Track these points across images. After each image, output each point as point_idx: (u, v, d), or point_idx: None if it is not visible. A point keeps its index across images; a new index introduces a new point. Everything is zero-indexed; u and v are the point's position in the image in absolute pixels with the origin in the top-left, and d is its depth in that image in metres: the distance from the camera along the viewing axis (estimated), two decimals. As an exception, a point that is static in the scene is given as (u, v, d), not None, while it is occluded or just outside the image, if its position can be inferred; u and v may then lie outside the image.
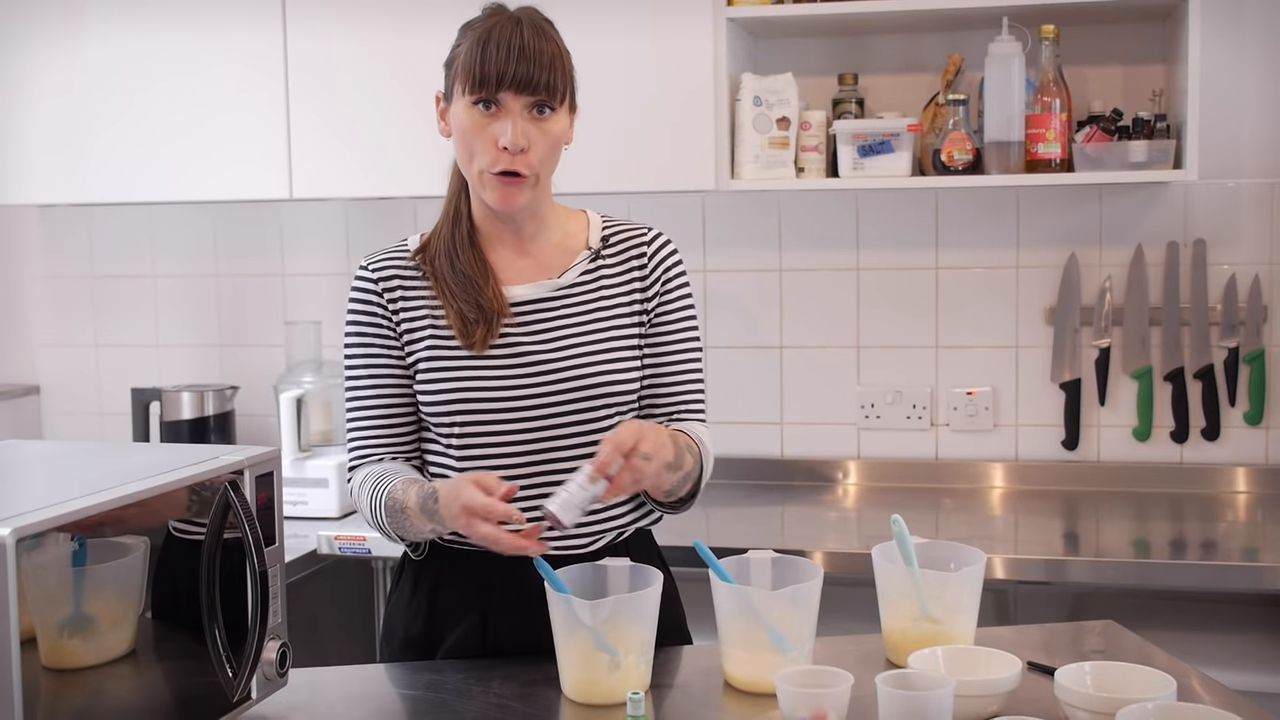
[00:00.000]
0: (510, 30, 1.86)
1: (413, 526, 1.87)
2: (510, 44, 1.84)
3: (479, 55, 1.85)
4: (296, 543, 2.91)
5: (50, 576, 1.42)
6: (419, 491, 1.84)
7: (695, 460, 1.94)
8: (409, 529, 1.88)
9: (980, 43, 2.99)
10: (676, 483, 1.91)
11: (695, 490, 1.98)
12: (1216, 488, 3.14)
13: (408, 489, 1.86)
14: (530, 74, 1.84)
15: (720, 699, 1.79)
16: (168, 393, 3.37)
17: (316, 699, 1.82)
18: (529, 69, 1.84)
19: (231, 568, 1.65)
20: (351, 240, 3.54)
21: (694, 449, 1.94)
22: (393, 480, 1.90)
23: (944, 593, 1.83)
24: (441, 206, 2.02)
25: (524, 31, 1.86)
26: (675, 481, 1.90)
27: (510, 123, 1.85)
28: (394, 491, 1.88)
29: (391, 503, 1.87)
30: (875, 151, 3.01)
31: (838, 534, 2.98)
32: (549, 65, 1.86)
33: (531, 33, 1.86)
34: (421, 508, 1.83)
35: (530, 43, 1.85)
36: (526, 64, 1.84)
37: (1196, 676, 1.82)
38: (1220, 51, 3.07)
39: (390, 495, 1.88)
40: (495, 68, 1.84)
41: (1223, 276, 3.13)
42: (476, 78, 1.85)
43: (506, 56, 1.84)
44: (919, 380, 3.31)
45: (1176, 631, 2.63)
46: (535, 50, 1.85)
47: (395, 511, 1.87)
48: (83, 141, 3.29)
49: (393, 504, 1.87)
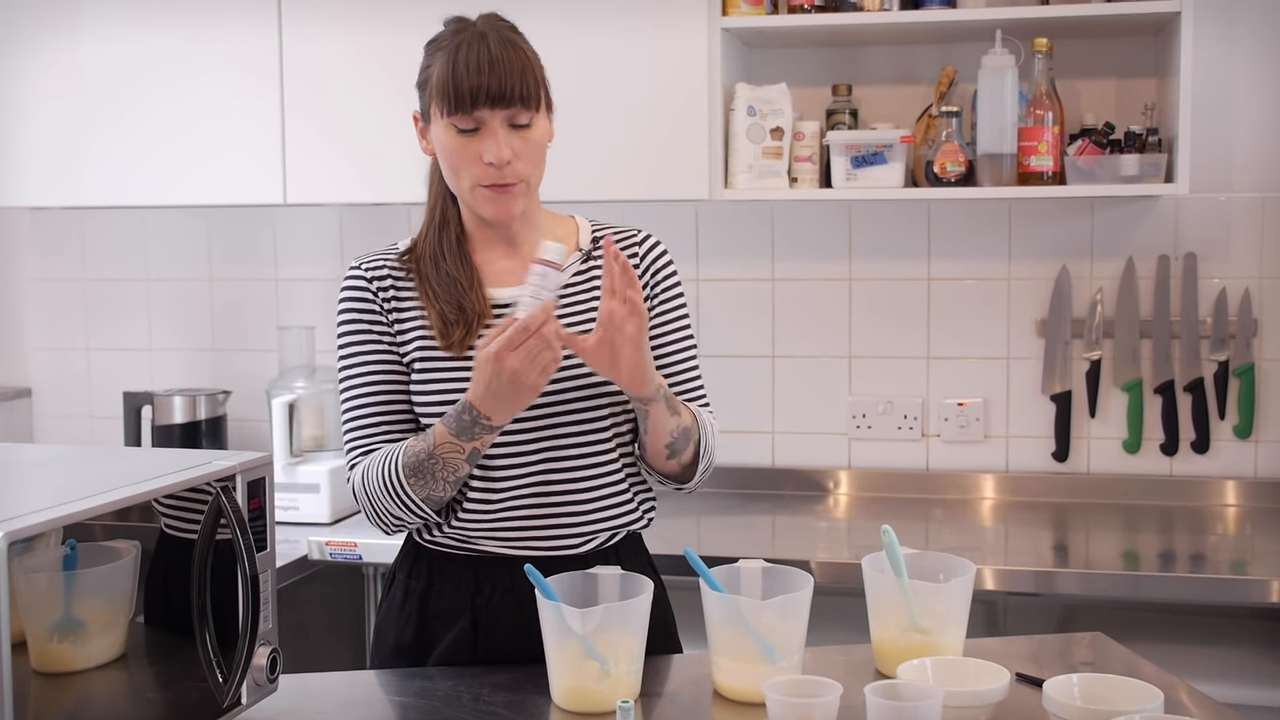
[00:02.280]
0: (478, 47, 1.86)
1: (450, 465, 1.84)
2: (480, 60, 1.85)
3: (450, 75, 1.86)
4: (288, 548, 2.91)
5: (41, 580, 1.42)
6: (442, 423, 1.83)
7: (695, 424, 1.95)
8: (443, 475, 1.85)
9: (974, 55, 3.00)
10: (677, 435, 1.92)
11: (697, 460, 1.97)
12: (1206, 500, 3.15)
13: (427, 434, 1.85)
14: (504, 87, 1.85)
15: (710, 708, 1.79)
16: (160, 397, 3.36)
17: (306, 705, 1.82)
18: (502, 83, 1.85)
19: (222, 573, 1.65)
20: (345, 246, 3.54)
21: (692, 416, 1.95)
22: (402, 446, 1.88)
23: (933, 603, 1.83)
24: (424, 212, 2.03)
25: (491, 46, 1.86)
26: (675, 433, 1.91)
27: (492, 140, 1.87)
28: (410, 449, 1.86)
29: (413, 460, 1.85)
30: (868, 162, 3.01)
31: (828, 544, 2.98)
32: (520, 75, 1.87)
33: (499, 45, 1.87)
34: (457, 427, 1.81)
35: (499, 56, 1.86)
36: (498, 78, 1.85)
37: (1185, 689, 1.83)
38: (1212, 66, 3.08)
39: (409, 453, 1.86)
40: (469, 86, 1.85)
41: (1213, 290, 3.14)
42: (452, 100, 1.86)
43: (478, 73, 1.85)
44: (910, 391, 3.31)
45: (1165, 644, 2.63)
46: (505, 62, 1.86)
47: (421, 464, 1.84)
48: (77, 145, 3.28)
49: (415, 461, 1.84)
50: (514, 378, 1.76)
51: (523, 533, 1.94)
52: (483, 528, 1.94)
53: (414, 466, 1.86)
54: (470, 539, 1.95)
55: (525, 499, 1.93)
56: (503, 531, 1.94)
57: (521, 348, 1.74)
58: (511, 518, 1.93)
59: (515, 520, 1.94)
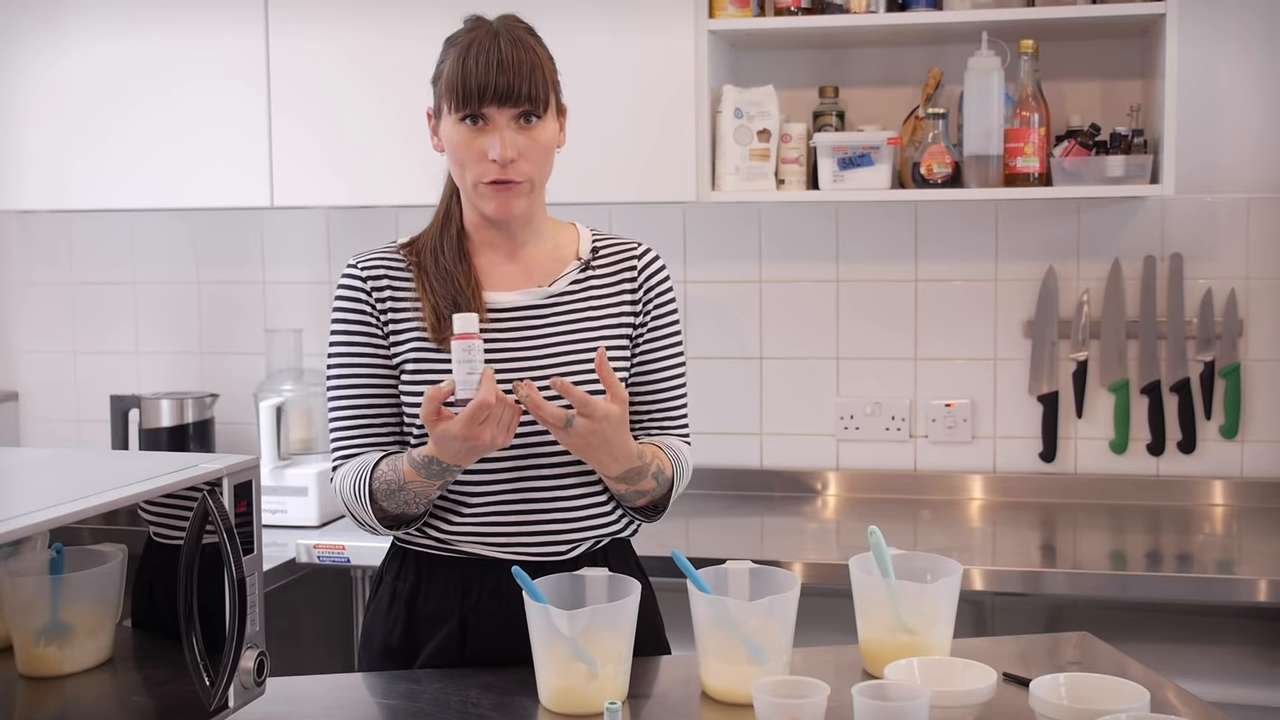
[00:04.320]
0: (489, 45, 1.88)
1: (420, 495, 1.88)
2: (489, 58, 1.87)
3: (460, 71, 1.88)
4: (275, 551, 2.91)
5: (27, 584, 1.42)
6: (409, 465, 1.85)
7: (661, 484, 1.97)
8: (413, 500, 1.88)
9: (960, 57, 3.01)
10: (625, 493, 1.95)
11: (656, 506, 2.01)
12: (1192, 500, 3.16)
13: (396, 464, 1.88)
14: (511, 86, 1.87)
15: (698, 709, 1.80)
16: (147, 400, 3.35)
17: (294, 708, 1.81)
18: (510, 81, 1.87)
19: (210, 576, 1.65)
20: (333, 249, 3.54)
21: (665, 472, 1.97)
22: (379, 464, 1.91)
23: (920, 604, 1.84)
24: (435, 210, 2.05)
25: (502, 45, 1.88)
26: (623, 491, 1.95)
27: (498, 136, 1.88)
28: (381, 475, 1.89)
29: (382, 487, 1.88)
30: (855, 164, 3.02)
31: (816, 545, 2.99)
32: (529, 75, 1.88)
33: (510, 44, 1.89)
34: (426, 473, 1.84)
35: (509, 55, 1.88)
36: (507, 76, 1.87)
37: (1172, 688, 1.83)
38: (1197, 67, 3.09)
39: (379, 479, 1.89)
40: (477, 83, 1.87)
41: (1199, 291, 3.15)
42: (460, 95, 1.88)
43: (487, 70, 1.87)
44: (898, 392, 3.32)
45: (1153, 643, 2.64)
46: (515, 61, 1.88)
47: (391, 492, 1.88)
48: (64, 148, 3.28)
49: (384, 489, 1.88)
50: (484, 444, 1.79)
51: (506, 537, 1.94)
52: (462, 532, 1.95)
53: (384, 493, 1.89)
54: (453, 543, 1.95)
55: (503, 505, 1.94)
56: (485, 535, 1.94)
57: (486, 421, 1.76)
58: (491, 522, 1.94)
59: (495, 525, 1.94)
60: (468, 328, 1.79)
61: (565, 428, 1.80)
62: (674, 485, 2.01)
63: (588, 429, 1.80)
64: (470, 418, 1.75)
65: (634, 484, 1.92)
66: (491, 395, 1.74)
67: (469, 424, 1.75)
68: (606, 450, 1.85)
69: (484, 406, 1.74)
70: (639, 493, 1.95)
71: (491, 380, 1.76)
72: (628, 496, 1.96)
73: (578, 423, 1.79)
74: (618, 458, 1.87)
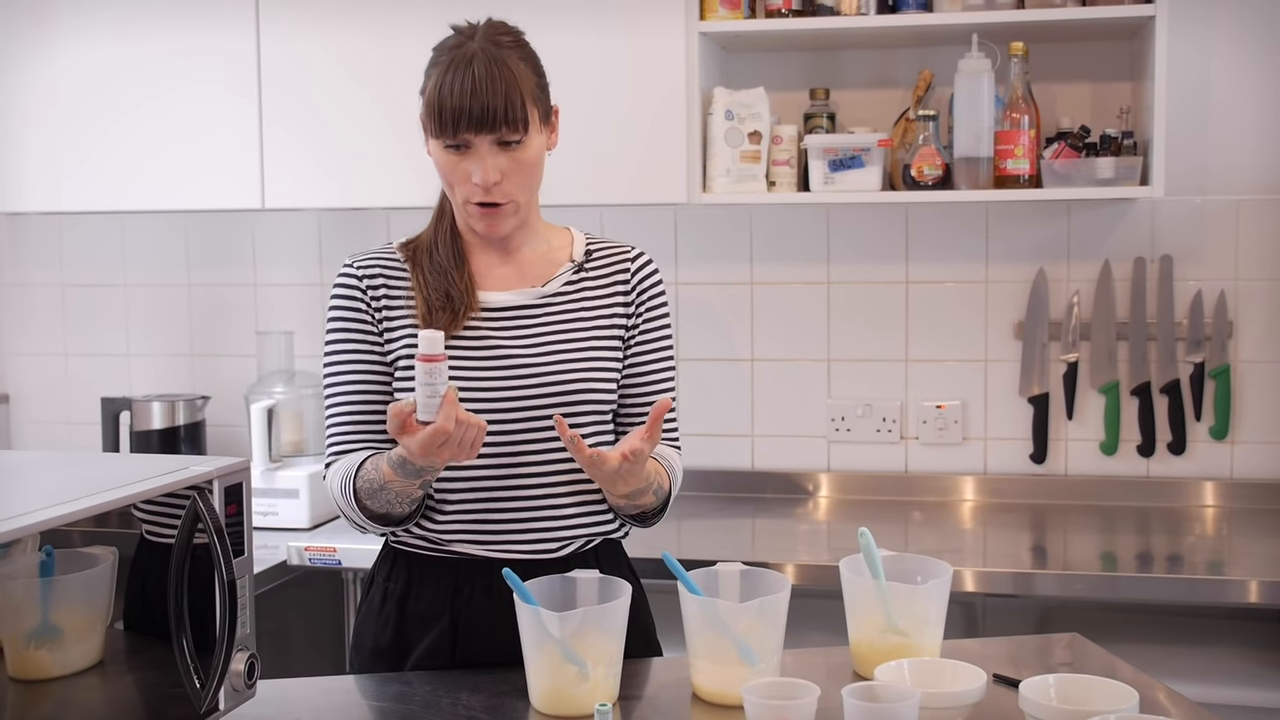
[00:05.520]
0: (464, 71, 1.86)
1: (403, 495, 1.87)
2: (464, 85, 1.85)
3: (437, 98, 1.87)
4: (266, 553, 2.90)
5: (18, 587, 1.42)
6: (388, 465, 1.84)
7: (659, 498, 1.98)
8: (397, 501, 1.87)
9: (950, 59, 3.01)
10: (623, 505, 1.96)
11: (650, 513, 2.01)
12: (1183, 501, 3.17)
13: (378, 463, 1.87)
14: (486, 113, 1.85)
15: (688, 711, 1.80)
16: (138, 402, 3.35)
17: (285, 710, 1.81)
18: (484, 107, 1.85)
19: (200, 578, 1.65)
20: (324, 251, 3.54)
21: (664, 488, 1.99)
22: (364, 463, 1.90)
23: (910, 605, 1.84)
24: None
25: (476, 69, 1.86)
26: (622, 505, 1.96)
27: (480, 163, 1.88)
28: (365, 475, 1.88)
29: (366, 486, 1.88)
30: (846, 166, 3.02)
31: (807, 546, 2.99)
32: (504, 97, 1.86)
33: (486, 65, 1.86)
34: (404, 473, 1.83)
35: (483, 81, 1.85)
36: (480, 102, 1.85)
37: (1162, 689, 1.84)
38: (1187, 69, 3.10)
39: (363, 479, 1.88)
40: (452, 112, 1.86)
41: (1189, 292, 3.15)
42: (436, 123, 1.88)
43: (462, 97, 1.85)
44: (889, 394, 3.32)
45: (1143, 644, 2.65)
46: (490, 88, 1.85)
47: (375, 491, 1.87)
48: (55, 150, 3.27)
49: (368, 488, 1.87)
50: (445, 461, 1.79)
51: (494, 534, 1.95)
52: (450, 530, 1.95)
53: (367, 492, 1.88)
54: (442, 542, 1.95)
55: (488, 501, 1.94)
56: (474, 533, 1.95)
57: (445, 444, 1.74)
58: (478, 520, 1.95)
59: (482, 522, 1.95)
60: (433, 349, 1.72)
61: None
62: (670, 498, 2.03)
63: (610, 470, 1.81)
64: (427, 442, 1.73)
65: (635, 500, 1.94)
66: (450, 423, 1.71)
67: (426, 447, 1.74)
68: (622, 482, 1.86)
69: (440, 434, 1.72)
70: (636, 506, 1.97)
71: (452, 405, 1.72)
72: (624, 507, 1.97)
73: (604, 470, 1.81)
74: (629, 483, 1.88)
